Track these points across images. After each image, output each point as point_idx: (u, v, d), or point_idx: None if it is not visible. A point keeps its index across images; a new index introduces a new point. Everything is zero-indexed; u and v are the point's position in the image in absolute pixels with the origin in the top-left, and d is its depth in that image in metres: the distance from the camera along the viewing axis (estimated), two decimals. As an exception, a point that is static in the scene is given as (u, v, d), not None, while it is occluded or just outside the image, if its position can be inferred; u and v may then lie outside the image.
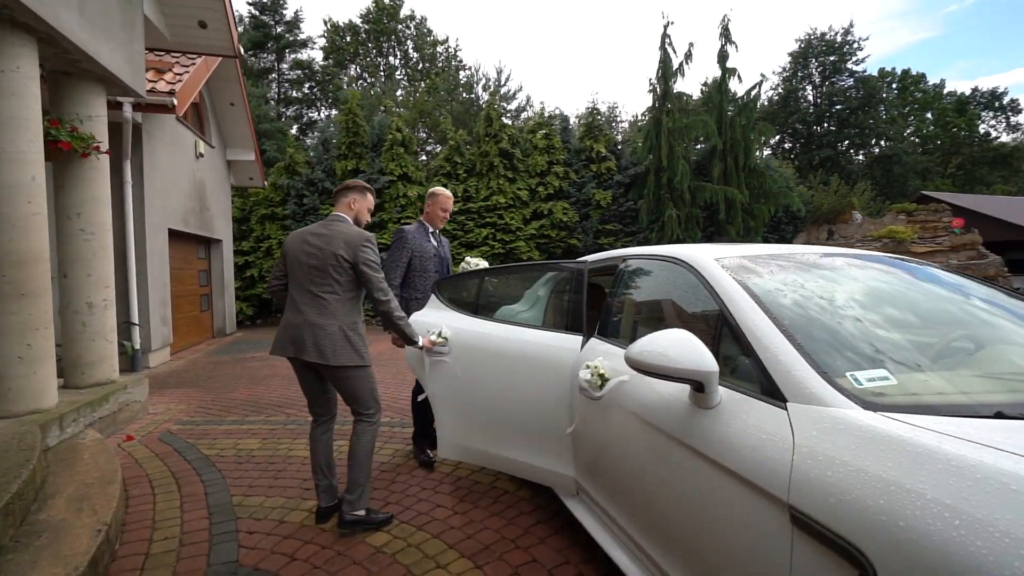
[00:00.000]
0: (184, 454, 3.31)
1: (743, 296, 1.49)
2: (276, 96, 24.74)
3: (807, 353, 1.25)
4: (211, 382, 5.66)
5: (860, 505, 0.91)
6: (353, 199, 2.50)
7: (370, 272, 2.32)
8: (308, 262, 2.31)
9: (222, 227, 9.64)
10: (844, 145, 35.99)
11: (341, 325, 2.29)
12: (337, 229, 2.36)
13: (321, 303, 2.29)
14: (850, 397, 1.11)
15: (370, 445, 2.39)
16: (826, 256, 1.90)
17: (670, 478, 1.44)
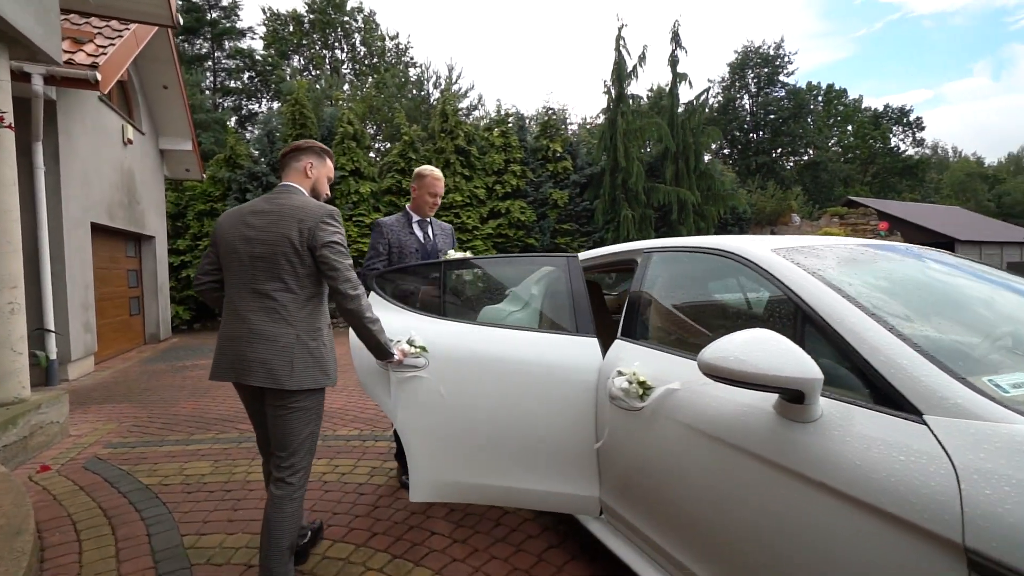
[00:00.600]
0: (117, 485, 2.80)
1: (826, 290, 1.30)
2: (212, 85, 23.11)
3: (930, 354, 1.07)
4: (147, 395, 5.00)
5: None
6: (309, 163, 1.88)
7: (333, 258, 1.70)
8: (250, 251, 1.71)
9: (154, 222, 8.73)
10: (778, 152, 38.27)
11: (299, 334, 1.71)
12: (288, 204, 1.74)
13: (270, 306, 1.70)
14: (1011, 409, 0.93)
15: (294, 519, 1.73)
16: (865, 247, 1.75)
17: (758, 506, 1.21)
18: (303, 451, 1.77)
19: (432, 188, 2.74)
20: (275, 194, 1.81)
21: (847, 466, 1.03)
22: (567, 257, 2.26)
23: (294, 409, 1.73)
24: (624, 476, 1.75)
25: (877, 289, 1.39)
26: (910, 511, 0.91)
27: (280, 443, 1.75)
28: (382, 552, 2.11)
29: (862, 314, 1.20)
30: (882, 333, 1.14)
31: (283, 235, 1.70)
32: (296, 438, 1.74)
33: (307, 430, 1.77)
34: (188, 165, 9.80)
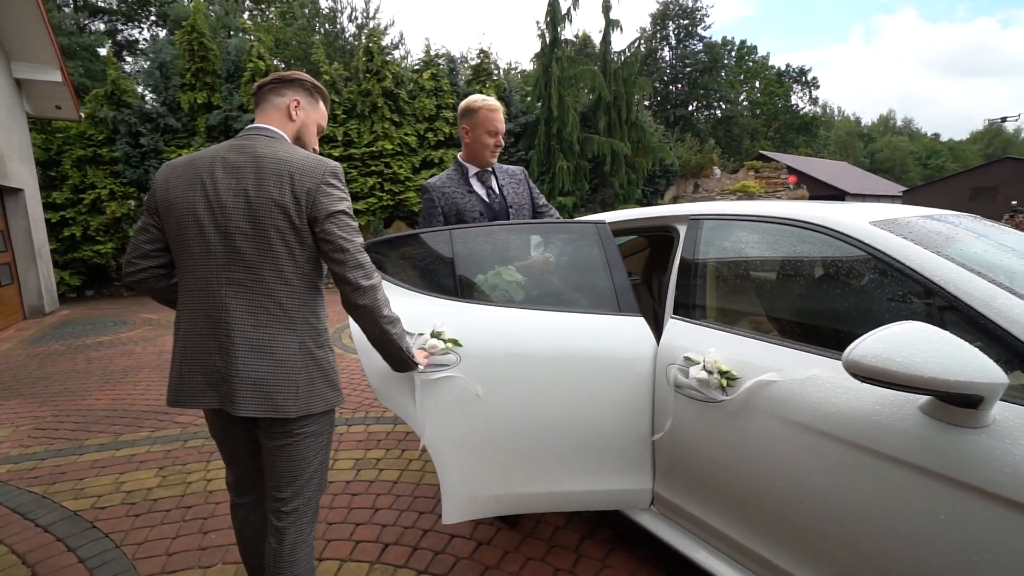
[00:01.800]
0: (32, 516, 2.22)
1: (968, 274, 1.15)
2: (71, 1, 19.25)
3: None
4: (44, 385, 4.17)
5: None
6: (295, 101, 1.39)
7: (341, 235, 1.25)
8: (223, 223, 1.23)
9: (20, 171, 7.19)
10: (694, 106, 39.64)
11: (303, 340, 1.29)
12: (271, 155, 1.26)
13: (262, 303, 1.25)
14: None
15: (310, 564, 1.38)
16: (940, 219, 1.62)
17: (902, 511, 1.08)
18: (311, 487, 1.36)
19: (490, 124, 2.09)
20: (248, 138, 1.29)
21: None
22: (595, 223, 1.98)
23: (300, 436, 1.31)
24: (693, 469, 1.58)
25: (1000, 269, 1.27)
26: None
27: (282, 480, 1.33)
28: (403, 568, 1.84)
29: (1003, 293, 1.07)
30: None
31: (272, 200, 1.21)
32: (303, 473, 1.33)
33: (316, 460, 1.36)
34: (59, 101, 8.08)
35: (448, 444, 1.65)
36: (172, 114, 9.77)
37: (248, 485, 1.45)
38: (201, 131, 9.86)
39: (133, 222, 9.42)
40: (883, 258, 1.29)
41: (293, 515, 1.33)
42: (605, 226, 1.96)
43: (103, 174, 9.36)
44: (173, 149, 9.66)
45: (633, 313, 1.77)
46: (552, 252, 2.16)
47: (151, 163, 9.53)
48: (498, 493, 1.73)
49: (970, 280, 1.14)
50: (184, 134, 9.89)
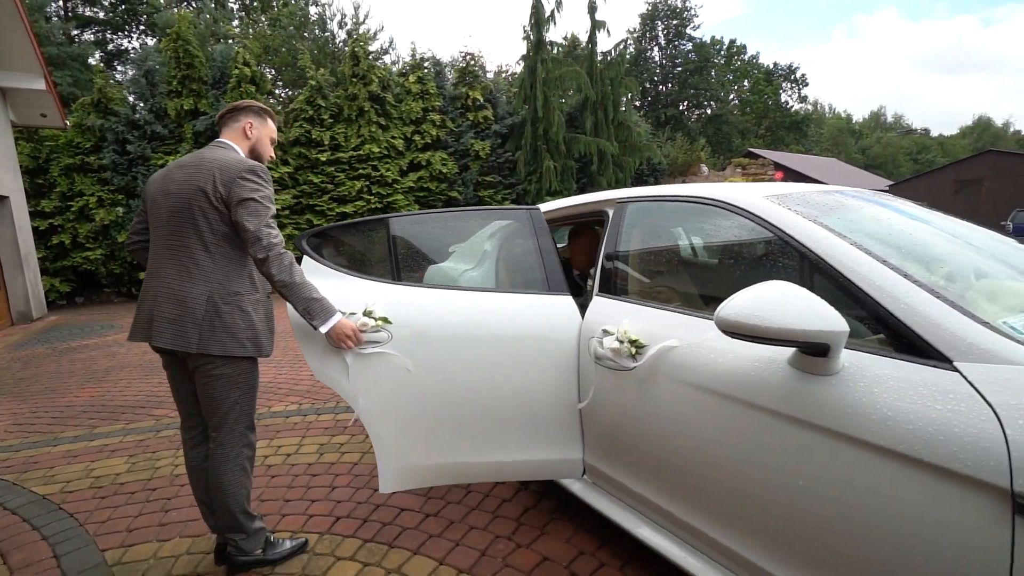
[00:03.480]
0: (2, 500, 2.33)
1: (835, 239, 1.26)
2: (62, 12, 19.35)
3: (951, 300, 1.06)
4: (25, 385, 4.26)
5: None
6: (249, 123, 1.78)
7: (245, 216, 1.56)
8: (168, 205, 1.64)
9: (4, 180, 7.28)
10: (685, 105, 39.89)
11: (212, 294, 1.60)
12: (211, 157, 1.66)
13: (183, 263, 1.61)
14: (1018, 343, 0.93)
15: (235, 481, 1.69)
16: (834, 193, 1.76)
17: (782, 464, 1.18)
18: (230, 420, 1.68)
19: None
20: (207, 148, 1.74)
21: (877, 417, 1.01)
22: (529, 210, 2.10)
23: (215, 376, 1.64)
24: (613, 436, 1.69)
25: (873, 236, 1.38)
26: (952, 460, 0.90)
27: (208, 412, 1.69)
28: (350, 537, 1.94)
29: (874, 261, 1.17)
30: (899, 281, 1.11)
31: (198, 187, 1.60)
32: (220, 406, 1.67)
33: (231, 397, 1.67)
34: (44, 109, 8.18)
35: (381, 416, 1.76)
36: (159, 121, 9.87)
37: (191, 423, 1.78)
38: (188, 137, 9.96)
39: (122, 228, 9.50)
40: (769, 227, 1.40)
41: (218, 440, 1.69)
42: (539, 212, 2.07)
43: (91, 182, 9.44)
44: (160, 156, 9.75)
45: (562, 293, 1.88)
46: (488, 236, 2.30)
47: (139, 170, 9.62)
48: (432, 463, 1.84)
49: (835, 245, 1.25)
50: (171, 140, 9.99)
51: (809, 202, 1.51)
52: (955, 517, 0.90)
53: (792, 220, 1.36)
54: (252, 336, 1.65)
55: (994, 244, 1.61)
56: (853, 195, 1.74)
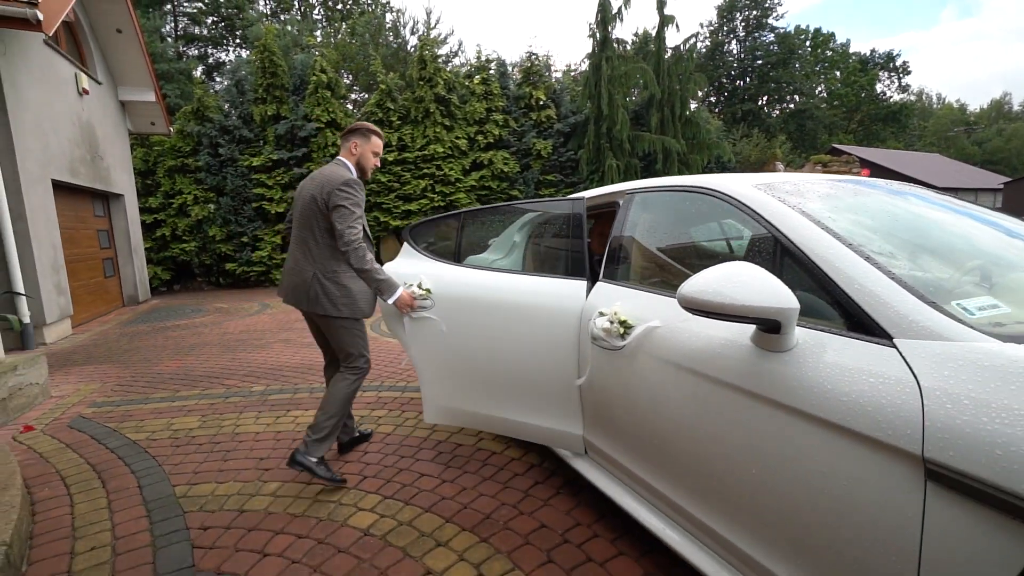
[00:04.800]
0: (104, 441, 2.80)
1: (808, 223, 1.30)
2: (173, 32, 21.68)
3: (902, 281, 1.08)
4: (129, 355, 4.95)
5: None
6: (354, 143, 2.35)
7: (336, 219, 2.16)
8: (299, 207, 2.28)
9: (122, 180, 8.38)
10: (764, 100, 37.68)
11: (316, 272, 2.21)
12: (327, 172, 2.25)
13: (303, 248, 2.25)
14: (975, 329, 0.95)
15: (343, 394, 2.27)
16: (844, 182, 1.75)
17: (737, 435, 1.25)
18: (354, 354, 2.31)
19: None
20: (327, 166, 2.30)
21: (819, 391, 1.06)
22: (565, 202, 2.31)
23: (328, 327, 2.27)
24: (607, 413, 1.79)
25: (855, 222, 1.39)
26: (875, 428, 0.94)
27: (337, 349, 2.33)
28: (372, 494, 2.16)
29: (839, 244, 1.20)
30: (857, 262, 1.15)
31: (312, 196, 2.20)
32: (343, 346, 2.30)
33: (344, 341, 2.28)
34: (153, 118, 9.31)
35: (426, 363, 2.31)
36: (246, 126, 10.86)
37: (326, 354, 2.54)
38: (270, 140, 10.88)
39: (212, 223, 10.56)
40: (751, 213, 1.45)
41: (344, 365, 2.33)
42: (581, 202, 2.20)
43: (188, 181, 10.59)
44: (246, 157, 10.74)
45: (579, 277, 2.01)
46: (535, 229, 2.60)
47: (228, 171, 10.65)
48: (462, 408, 2.26)
49: (805, 229, 1.28)
50: (256, 143, 10.96)
51: (798, 191, 1.53)
52: (879, 482, 0.94)
53: (771, 206, 1.40)
54: (348, 303, 2.23)
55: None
56: (866, 185, 1.72)
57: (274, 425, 2.96)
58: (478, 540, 1.83)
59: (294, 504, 2.10)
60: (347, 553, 1.77)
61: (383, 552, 1.77)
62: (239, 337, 5.63)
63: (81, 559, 1.78)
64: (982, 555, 0.80)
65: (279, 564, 1.72)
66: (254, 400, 3.41)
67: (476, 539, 1.84)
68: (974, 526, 0.82)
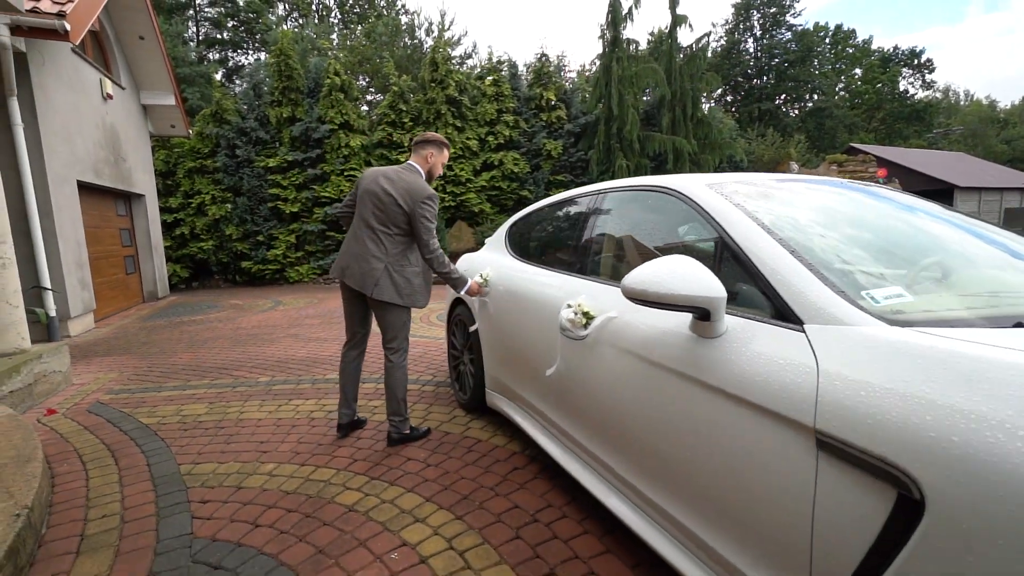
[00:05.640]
0: (119, 424, 3.00)
1: (745, 220, 1.40)
2: (195, 37, 22.27)
3: (820, 272, 1.18)
4: (146, 348, 5.19)
5: (903, 424, 0.84)
6: (430, 153, 2.65)
7: (421, 228, 2.48)
8: (374, 201, 2.51)
9: (143, 180, 8.70)
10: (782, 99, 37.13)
11: (388, 264, 2.50)
12: (407, 179, 2.54)
13: (376, 239, 2.51)
14: (872, 315, 1.05)
15: (399, 380, 2.60)
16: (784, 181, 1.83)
17: (675, 415, 1.36)
18: (400, 337, 2.59)
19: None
20: (404, 170, 2.60)
21: (739, 373, 1.16)
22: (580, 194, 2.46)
23: (386, 311, 2.54)
24: (571, 398, 1.90)
25: (793, 219, 1.48)
26: (780, 404, 1.05)
27: (384, 330, 2.59)
28: (360, 475, 2.31)
29: (769, 240, 1.30)
30: (783, 256, 1.24)
31: (395, 200, 2.49)
32: (391, 330, 2.58)
33: (397, 325, 2.57)
34: (173, 121, 9.64)
35: (484, 338, 2.78)
36: (262, 128, 11.16)
37: (350, 336, 2.70)
38: (285, 141, 11.17)
39: (229, 223, 10.88)
40: (699, 211, 1.55)
41: (389, 348, 2.59)
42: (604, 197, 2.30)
43: (207, 182, 10.92)
44: (262, 158, 11.04)
45: (572, 274, 2.13)
46: None
47: (244, 171, 10.96)
48: (500, 378, 2.61)
49: (743, 226, 1.38)
50: (272, 144, 11.26)
51: (749, 189, 1.62)
52: (783, 451, 1.04)
53: (716, 204, 1.50)
54: (409, 293, 2.54)
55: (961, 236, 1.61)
56: (811, 183, 1.81)
57: (276, 412, 3.12)
58: (454, 518, 1.95)
59: (287, 483, 2.25)
60: (331, 526, 1.91)
61: (364, 526, 1.91)
62: (251, 332, 5.85)
63: (93, 524, 1.95)
64: (858, 511, 0.90)
65: (269, 533, 1.87)
66: (259, 390, 3.59)
67: (452, 516, 1.96)
68: (852, 487, 0.92)
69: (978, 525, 0.73)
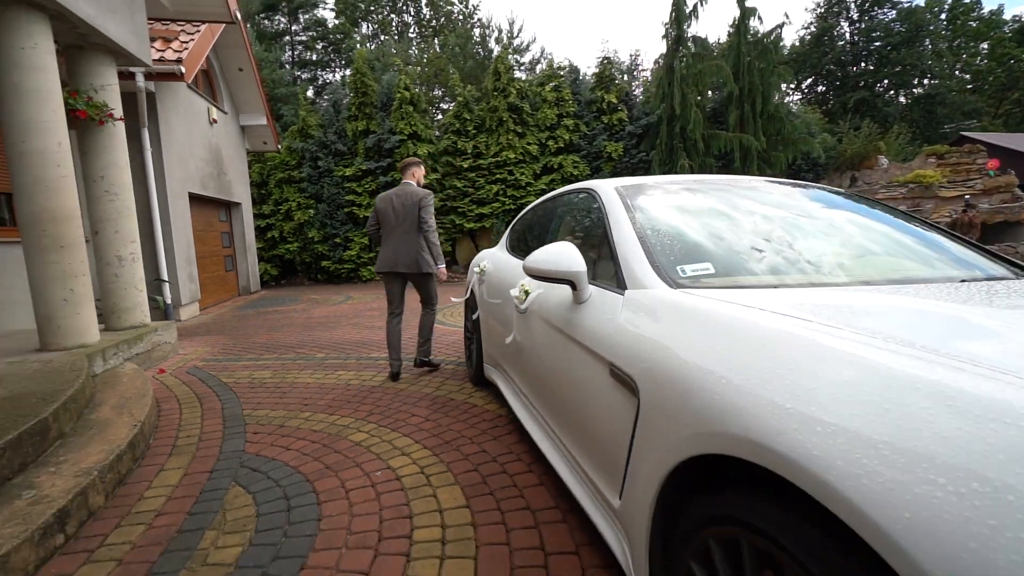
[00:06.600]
0: (207, 382, 3.85)
1: (623, 216, 1.79)
2: (291, 60, 24.80)
3: (650, 253, 1.56)
4: (234, 330, 6.25)
5: (639, 347, 1.24)
6: (414, 171, 3.88)
7: (424, 217, 3.66)
8: (397, 210, 3.69)
9: (240, 191, 10.14)
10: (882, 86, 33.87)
11: (416, 248, 3.69)
12: (409, 191, 3.73)
13: (405, 236, 3.68)
14: (668, 282, 1.42)
15: (428, 324, 3.92)
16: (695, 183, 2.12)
17: (561, 365, 1.78)
18: (434, 297, 3.91)
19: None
20: (403, 187, 3.78)
21: (588, 327, 1.57)
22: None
23: (421, 281, 3.81)
24: (519, 356, 2.36)
25: (666, 215, 1.84)
26: (599, 348, 1.45)
27: (424, 295, 3.89)
28: (372, 423, 2.90)
29: (631, 231, 1.69)
30: (631, 242, 1.63)
31: (413, 204, 3.66)
32: (429, 292, 3.88)
33: (432, 288, 3.88)
34: (265, 138, 11.09)
35: (483, 321, 3.28)
36: (340, 140, 12.44)
37: (394, 307, 3.84)
38: (360, 152, 12.35)
39: (312, 227, 12.23)
40: (602, 209, 1.95)
41: (427, 308, 3.91)
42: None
43: (293, 190, 12.37)
44: (340, 168, 12.30)
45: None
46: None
47: (325, 180, 12.28)
48: (492, 353, 3.07)
49: (617, 219, 1.77)
50: (348, 156, 12.50)
51: (644, 189, 1.99)
52: (605, 383, 1.45)
53: (610, 201, 1.90)
54: (429, 263, 3.71)
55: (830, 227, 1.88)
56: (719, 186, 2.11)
57: (322, 379, 3.83)
58: (431, 455, 2.47)
59: (316, 425, 2.89)
60: (339, 453, 2.51)
61: (363, 455, 2.48)
62: (319, 320, 6.77)
63: (181, 439, 2.71)
64: (626, 414, 1.30)
65: (294, 455, 2.50)
66: (313, 363, 4.34)
67: (430, 454, 2.48)
68: (625, 401, 1.31)
69: (662, 402, 1.12)
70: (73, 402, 2.58)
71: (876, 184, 15.58)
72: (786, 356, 0.88)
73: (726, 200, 1.96)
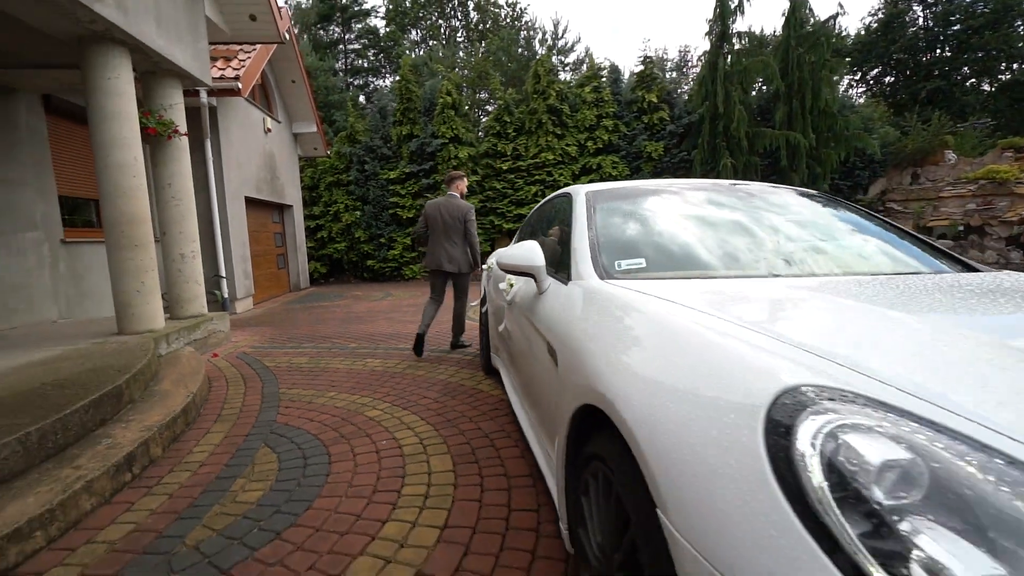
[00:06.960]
0: (252, 365, 4.35)
1: (582, 216, 2.03)
2: (344, 67, 26.06)
3: (596, 250, 1.80)
4: (281, 323, 6.85)
5: (558, 323, 1.50)
6: (457, 184, 4.56)
7: (470, 228, 4.44)
8: (445, 219, 4.39)
9: (292, 194, 10.92)
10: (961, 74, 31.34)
11: (460, 253, 4.45)
12: (455, 204, 4.44)
13: (453, 241, 4.42)
14: (601, 274, 1.66)
15: (461, 313, 4.67)
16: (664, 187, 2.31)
17: (527, 348, 2.05)
18: (467, 291, 4.64)
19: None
20: (449, 198, 4.48)
21: (543, 314, 1.83)
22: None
23: (460, 278, 4.53)
24: (510, 346, 2.63)
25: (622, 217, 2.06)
26: (545, 332, 1.71)
27: (458, 289, 4.59)
28: (388, 403, 3.25)
29: (584, 230, 1.93)
30: (583, 241, 1.87)
31: (458, 217, 4.39)
32: (463, 287, 4.60)
33: (468, 284, 4.63)
34: (315, 144, 11.86)
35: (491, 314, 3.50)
36: (385, 145, 13.07)
37: (434, 296, 4.62)
38: (404, 156, 12.94)
39: (359, 227, 12.95)
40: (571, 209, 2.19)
41: (460, 297, 4.66)
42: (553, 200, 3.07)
43: (342, 193, 13.13)
44: (385, 172, 12.94)
45: None
46: None
47: (371, 183, 12.95)
48: (496, 343, 3.27)
49: (577, 220, 2.01)
50: (393, 159, 13.12)
51: (609, 193, 2.21)
52: (547, 361, 1.70)
53: (577, 204, 2.14)
54: (467, 264, 4.45)
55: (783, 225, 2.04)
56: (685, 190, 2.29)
57: (351, 366, 4.24)
58: (432, 429, 2.79)
59: (339, 403, 3.27)
60: (354, 425, 2.87)
61: (374, 427, 2.83)
62: (358, 315, 7.29)
63: (226, 411, 3.18)
64: (552, 380, 1.55)
65: (316, 426, 2.88)
66: (346, 352, 4.78)
67: (431, 428, 2.80)
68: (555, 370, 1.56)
69: (567, 367, 1.37)
70: (141, 375, 3.08)
71: (941, 181, 14.66)
72: (636, 327, 1.12)
73: (685, 202, 2.16)
